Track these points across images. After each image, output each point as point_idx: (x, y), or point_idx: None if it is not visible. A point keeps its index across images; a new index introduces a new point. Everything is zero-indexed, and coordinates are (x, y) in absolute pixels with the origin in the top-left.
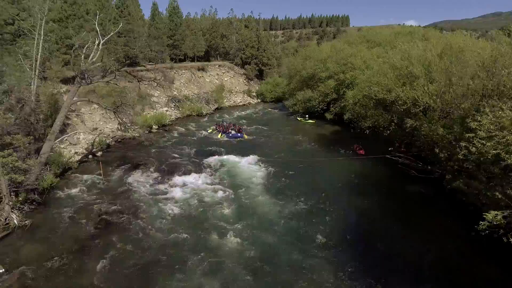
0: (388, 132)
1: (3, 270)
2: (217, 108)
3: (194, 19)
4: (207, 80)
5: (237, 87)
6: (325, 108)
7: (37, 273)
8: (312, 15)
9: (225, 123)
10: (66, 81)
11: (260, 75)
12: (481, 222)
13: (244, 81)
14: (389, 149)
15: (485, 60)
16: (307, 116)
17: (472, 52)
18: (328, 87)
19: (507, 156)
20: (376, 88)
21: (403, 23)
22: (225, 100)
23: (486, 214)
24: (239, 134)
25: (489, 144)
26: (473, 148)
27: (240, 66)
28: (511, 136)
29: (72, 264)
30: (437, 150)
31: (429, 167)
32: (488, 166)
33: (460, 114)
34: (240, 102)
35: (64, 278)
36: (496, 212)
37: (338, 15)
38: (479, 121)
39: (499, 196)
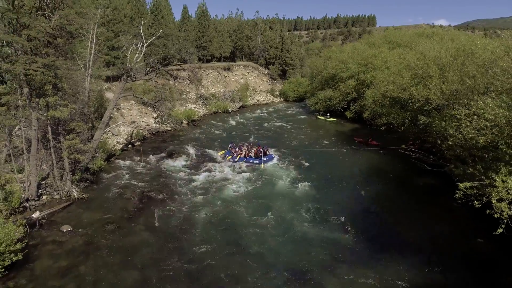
0: (403, 128)
1: (71, 229)
2: (241, 106)
3: (221, 21)
4: (232, 79)
5: (261, 86)
6: (345, 107)
7: (96, 233)
8: (338, 15)
9: (234, 146)
10: (106, 79)
11: (283, 75)
12: (456, 191)
13: (268, 81)
14: (407, 145)
15: (484, 61)
16: (328, 114)
17: (480, 54)
18: (349, 87)
19: (481, 138)
20: (391, 87)
21: (432, 23)
22: (249, 99)
23: (460, 184)
24: (264, 159)
25: (467, 129)
26: (460, 135)
27: (264, 66)
28: (482, 122)
29: (123, 228)
30: (439, 141)
31: (440, 161)
32: (472, 150)
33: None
34: (264, 100)
35: (117, 237)
36: (467, 183)
37: (365, 15)
38: (464, 112)
39: (471, 171)
